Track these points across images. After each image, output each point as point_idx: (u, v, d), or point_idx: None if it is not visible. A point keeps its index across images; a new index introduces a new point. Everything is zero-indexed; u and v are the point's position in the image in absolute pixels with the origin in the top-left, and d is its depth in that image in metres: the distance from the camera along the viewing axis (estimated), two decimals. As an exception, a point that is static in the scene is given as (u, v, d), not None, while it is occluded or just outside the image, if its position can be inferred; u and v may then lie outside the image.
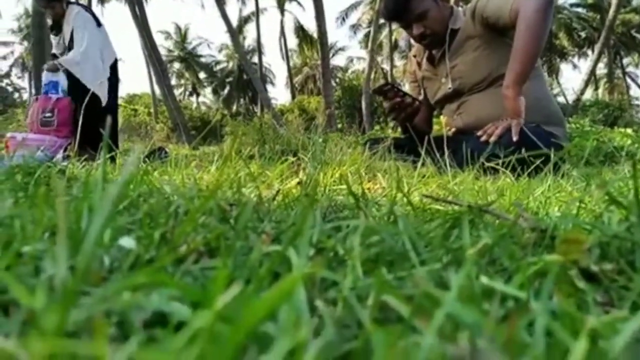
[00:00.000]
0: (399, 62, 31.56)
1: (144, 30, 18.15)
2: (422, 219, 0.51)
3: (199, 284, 0.36)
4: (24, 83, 30.08)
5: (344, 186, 0.87)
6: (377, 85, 2.25)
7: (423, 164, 0.97)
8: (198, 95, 36.63)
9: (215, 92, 36.73)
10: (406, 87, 2.59)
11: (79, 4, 3.85)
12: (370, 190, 0.83)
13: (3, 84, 29.71)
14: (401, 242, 0.39)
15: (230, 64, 35.34)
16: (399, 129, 2.39)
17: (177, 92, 29.29)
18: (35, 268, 0.36)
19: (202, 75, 36.39)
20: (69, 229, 0.46)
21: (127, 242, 0.42)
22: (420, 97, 2.31)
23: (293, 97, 30.93)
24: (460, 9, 2.19)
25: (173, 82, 28.70)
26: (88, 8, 3.90)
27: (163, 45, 30.95)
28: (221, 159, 1.24)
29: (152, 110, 27.49)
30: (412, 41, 2.34)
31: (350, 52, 36.33)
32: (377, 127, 14.16)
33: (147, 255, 0.39)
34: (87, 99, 1.34)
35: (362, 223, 0.37)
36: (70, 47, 3.42)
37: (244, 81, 32.13)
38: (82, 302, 0.27)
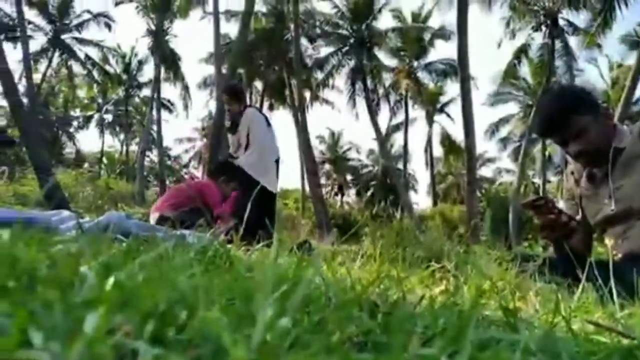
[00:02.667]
0: (552, 178, 29.65)
1: (303, 134, 20.02)
2: (585, 349, 0.47)
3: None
4: (198, 173, 34.77)
5: (491, 302, 0.83)
6: (528, 199, 2.12)
7: (582, 290, 0.89)
8: (343, 195, 38.33)
9: (359, 193, 38.12)
10: (561, 204, 2.41)
11: (253, 107, 4.49)
12: (521, 310, 0.78)
13: (182, 173, 34.84)
14: (561, 367, 0.37)
15: (376, 168, 36.73)
16: (551, 248, 2.19)
17: (324, 190, 31.07)
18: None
19: (348, 177, 38.32)
20: (240, 303, 0.52)
21: (285, 322, 0.47)
22: (578, 217, 2.14)
23: (435, 204, 30.61)
24: (625, 127, 2.04)
25: (322, 181, 30.61)
26: (260, 110, 4.55)
27: (317, 147, 33.63)
28: (364, 258, 1.27)
29: (300, 205, 29.41)
30: (568, 157, 2.22)
31: (498, 163, 35.29)
32: (525, 244, 13.16)
33: (304, 337, 0.43)
34: (255, 191, 1.53)
35: (521, 339, 0.37)
36: (246, 145, 3.95)
37: (387, 185, 32.90)
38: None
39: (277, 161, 4.04)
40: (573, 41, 21.77)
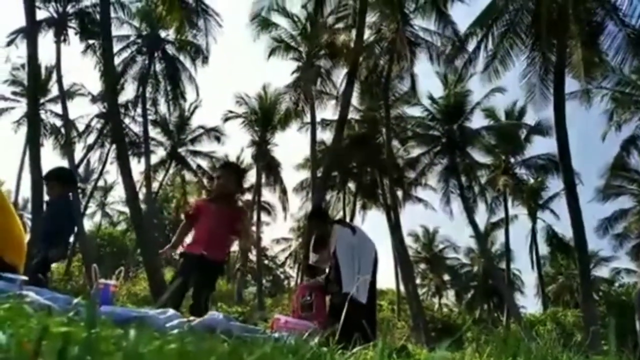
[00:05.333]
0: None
1: (396, 233, 19.79)
2: None
3: None
4: (293, 272, 35.27)
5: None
6: None
7: None
8: (441, 296, 36.24)
9: (458, 294, 35.82)
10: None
11: (340, 222, 4.56)
12: None
13: (278, 272, 35.54)
14: None
15: (476, 268, 34.65)
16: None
17: (420, 291, 29.65)
18: None
19: (446, 277, 36.40)
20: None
21: None
22: None
23: (545, 307, 27.75)
24: None
25: (417, 281, 29.36)
26: (345, 222, 4.63)
27: (411, 246, 32.66)
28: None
29: (395, 307, 28.21)
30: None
31: (615, 263, 31.39)
32: (661, 358, 11.28)
33: None
34: (347, 300, 1.54)
35: None
36: (336, 263, 3.89)
37: (489, 286, 30.68)
38: None
39: (375, 256, 4.02)
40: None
